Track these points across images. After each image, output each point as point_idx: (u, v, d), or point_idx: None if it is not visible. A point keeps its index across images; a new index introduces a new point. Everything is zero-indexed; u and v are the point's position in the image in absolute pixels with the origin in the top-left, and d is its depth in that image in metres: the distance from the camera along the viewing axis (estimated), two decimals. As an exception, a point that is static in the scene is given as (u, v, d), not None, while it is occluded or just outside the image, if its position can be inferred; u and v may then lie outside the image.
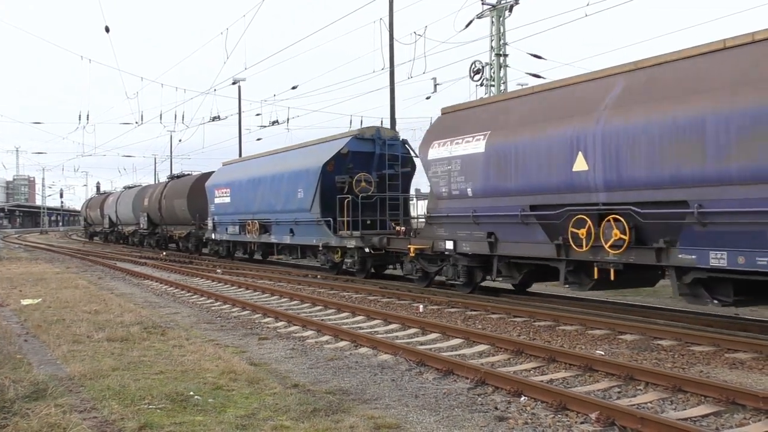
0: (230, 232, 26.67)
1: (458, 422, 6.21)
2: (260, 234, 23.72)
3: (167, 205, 35.77)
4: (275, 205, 22.57)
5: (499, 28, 26.34)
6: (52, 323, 11.51)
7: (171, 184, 37.25)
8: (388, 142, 20.14)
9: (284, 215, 21.97)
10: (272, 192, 22.83)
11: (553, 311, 12.42)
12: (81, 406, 6.57)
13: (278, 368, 8.48)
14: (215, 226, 28.21)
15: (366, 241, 18.30)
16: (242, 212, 25.30)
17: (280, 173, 22.55)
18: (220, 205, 27.61)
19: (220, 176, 28.81)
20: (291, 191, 21.37)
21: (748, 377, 7.91)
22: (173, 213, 34.95)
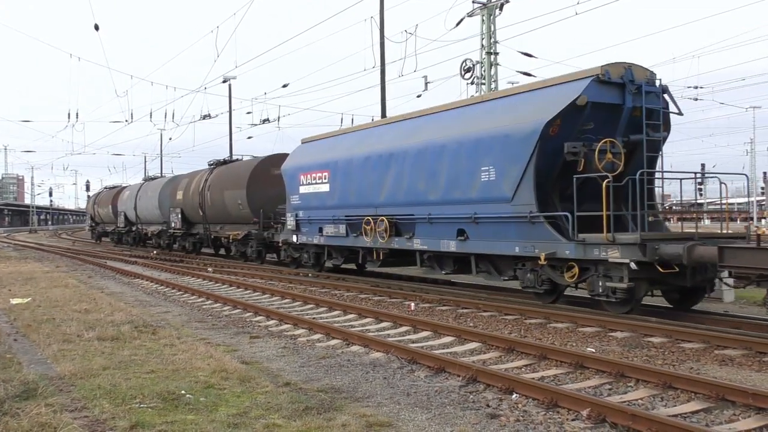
0: (329, 233, 19.01)
1: (450, 420, 6.22)
2: (390, 236, 16.07)
3: (214, 198, 28.23)
4: (426, 194, 14.86)
5: (490, 26, 26.38)
6: (42, 322, 11.45)
7: (218, 171, 29.05)
8: (645, 88, 12.49)
9: (448, 208, 14.27)
10: (421, 173, 15.07)
11: (544, 309, 12.45)
12: (72, 405, 6.54)
13: (270, 367, 8.47)
14: (299, 225, 20.44)
15: (652, 252, 10.76)
16: (353, 205, 17.72)
17: (439, 143, 14.61)
18: (309, 197, 19.89)
19: (306, 155, 20.61)
20: (466, 170, 13.77)
21: (737, 374, 7.96)
22: (222, 209, 27.56)
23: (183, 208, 32.16)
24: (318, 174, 19.50)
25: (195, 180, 31.11)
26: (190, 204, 31.02)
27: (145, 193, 39.22)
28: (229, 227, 27.80)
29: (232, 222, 27.45)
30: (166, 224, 35.03)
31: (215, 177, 28.70)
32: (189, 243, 33.24)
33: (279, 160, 23.74)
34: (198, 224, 31.39)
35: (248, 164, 26.48)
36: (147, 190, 39.13)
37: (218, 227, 29.03)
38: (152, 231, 38.09)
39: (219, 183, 27.99)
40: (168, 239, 35.88)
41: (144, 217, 39.26)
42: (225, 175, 27.98)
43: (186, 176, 34.15)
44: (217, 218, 28.73)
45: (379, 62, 25.75)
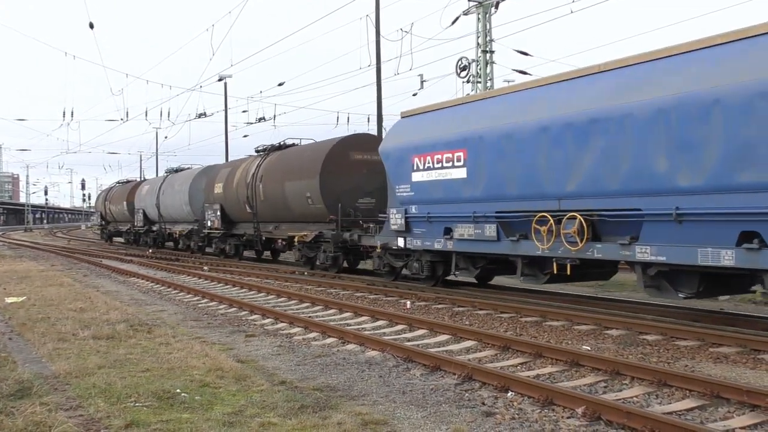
0: (463, 236, 13.68)
1: (445, 418, 6.23)
2: (587, 241, 10.98)
3: (269, 191, 22.92)
4: (672, 177, 9.72)
5: (485, 24, 26.39)
6: (37, 321, 11.42)
7: (275, 158, 23.31)
8: None
9: (723, 198, 9.13)
10: (660, 145, 9.87)
11: (539, 307, 12.46)
12: (66, 404, 6.53)
13: (265, 365, 8.46)
14: (409, 224, 15.24)
15: None
16: (512, 197, 12.56)
17: (705, 98, 9.24)
18: (428, 186, 14.49)
19: (421, 131, 15.05)
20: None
21: (732, 371, 7.98)
22: (281, 204, 22.22)
23: (223, 203, 26.90)
24: (445, 155, 13.94)
25: (240, 170, 25.54)
26: (234, 199, 25.76)
27: (170, 186, 33.82)
28: (289, 226, 22.43)
29: (294, 220, 22.07)
30: (198, 223, 29.78)
31: (270, 165, 23.18)
32: (230, 245, 27.52)
33: (362, 142, 20.20)
34: (243, 223, 25.97)
35: (320, 148, 20.88)
36: (173, 183, 33.73)
37: (272, 226, 23.71)
38: (179, 231, 32.74)
39: (276, 172, 22.54)
40: (201, 240, 30.39)
41: (169, 214, 34.37)
42: (286, 162, 22.39)
43: (226, 166, 29.02)
44: (273, 216, 23.36)
45: (375, 61, 25.74)
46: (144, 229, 38.93)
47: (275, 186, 22.58)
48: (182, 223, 33.04)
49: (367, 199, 19.62)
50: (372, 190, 19.57)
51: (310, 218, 20.86)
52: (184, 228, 32.58)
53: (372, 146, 19.25)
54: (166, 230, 35.73)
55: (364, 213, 19.41)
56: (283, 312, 12.67)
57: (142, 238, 40.29)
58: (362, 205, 19.67)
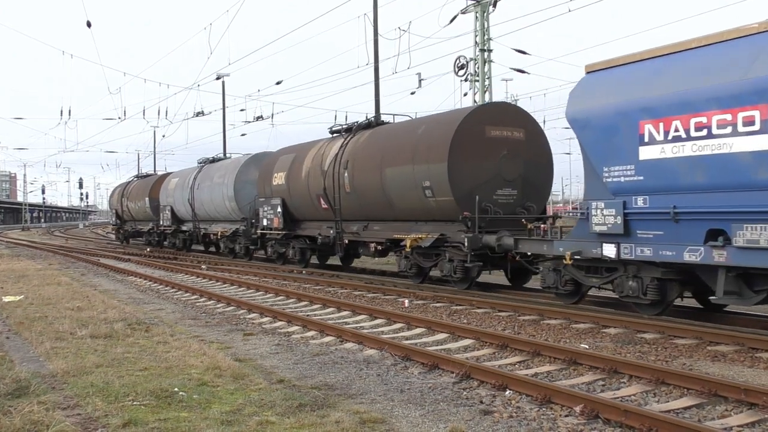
0: (753, 242, 8.88)
1: (443, 416, 6.23)
2: None
3: (359, 181, 17.68)
4: None
5: (483, 23, 26.38)
6: (35, 320, 11.41)
7: (367, 138, 18.07)
8: None
9: None
10: None
11: (537, 305, 12.47)
12: (64, 403, 6.52)
13: (263, 364, 8.46)
14: (629, 223, 10.64)
15: None
16: None
17: None
18: (675, 165, 9.83)
19: (661, 82, 10.10)
20: None
21: (730, 369, 7.99)
22: (381, 197, 16.92)
23: (286, 198, 21.73)
24: (716, 117, 9.28)
25: (311, 155, 20.41)
26: (302, 192, 20.67)
27: (207, 179, 28.94)
28: (385, 227, 17.35)
29: (396, 218, 16.94)
30: (246, 222, 25.21)
31: (361, 147, 17.98)
32: (294, 249, 21.98)
33: (500, 114, 15.34)
34: (314, 222, 20.87)
35: (445, 121, 15.44)
36: (210, 175, 28.84)
37: (357, 226, 18.40)
38: (220, 231, 27.51)
39: (371, 156, 17.38)
40: (250, 243, 25.45)
41: (205, 212, 29.41)
42: (386, 142, 17.14)
43: (287, 151, 22.90)
44: (361, 212, 18.17)
45: (373, 59, 25.73)
46: (172, 230, 33.66)
47: (368, 174, 17.24)
48: (223, 222, 28.17)
49: (507, 191, 14.92)
50: (513, 178, 15.00)
51: (425, 216, 15.83)
52: (226, 228, 27.37)
53: (513, 119, 15.30)
54: (200, 230, 30.28)
55: (503, 209, 14.71)
56: (282, 311, 12.66)
57: (169, 239, 35.05)
58: (501, 198, 14.81)
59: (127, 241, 44.01)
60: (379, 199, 17.05)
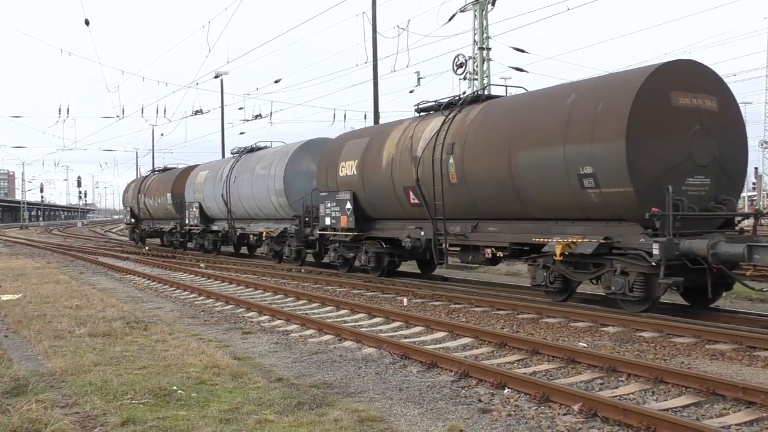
0: None
1: (442, 415, 6.23)
2: None
3: (478, 168, 13.75)
4: None
5: (482, 21, 26.39)
6: (33, 319, 11.40)
7: (483, 113, 14.07)
8: None
9: None
10: None
11: (536, 304, 12.48)
12: (63, 401, 6.51)
13: (262, 362, 8.46)
14: None
15: None
16: None
17: None
18: None
19: None
20: None
21: (728, 368, 8.00)
22: (508, 187, 13.09)
23: (359, 191, 17.69)
24: None
25: (392, 140, 16.53)
26: (382, 184, 16.72)
27: (246, 171, 25.03)
28: (508, 227, 13.61)
29: (528, 216, 13.06)
30: (298, 220, 21.39)
31: (475, 127, 13.85)
32: (368, 255, 17.98)
33: (689, 75, 11.43)
34: (397, 221, 17.08)
35: (614, 87, 11.46)
36: (250, 166, 24.89)
37: (462, 226, 14.64)
38: (265, 232, 23.56)
39: (492, 136, 13.36)
40: (304, 245, 21.70)
41: (244, 209, 25.53)
42: (514, 116, 13.22)
43: (357, 134, 19.03)
44: (470, 210, 14.32)
45: (372, 58, 25.73)
46: (200, 229, 29.57)
47: (487, 160, 13.34)
48: (267, 221, 24.43)
49: (698, 179, 11.31)
50: (707, 162, 11.41)
51: (575, 213, 12.13)
52: (271, 228, 23.56)
53: (704, 83, 11.61)
54: (236, 231, 26.52)
55: (694, 203, 11.16)
56: (280, 309, 12.66)
57: (196, 240, 30.91)
58: (691, 190, 11.23)
59: (143, 241, 39.84)
60: (504, 191, 13.08)
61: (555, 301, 12.61)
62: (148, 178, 39.16)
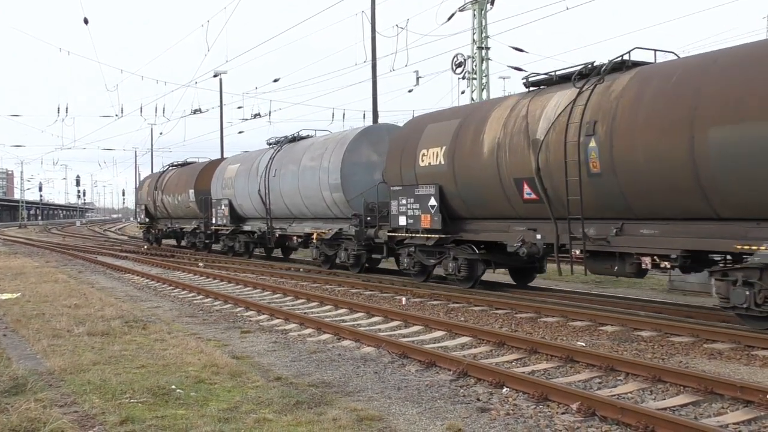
0: None
1: (440, 413, 6.24)
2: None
3: (651, 152, 10.32)
4: None
5: (481, 21, 26.38)
6: (32, 318, 11.40)
7: (635, 81, 10.88)
8: None
9: None
10: None
11: (534, 303, 12.49)
12: (61, 400, 6.52)
13: (261, 361, 8.46)
14: None
15: None
16: None
17: None
18: None
19: None
20: None
21: (726, 367, 8.01)
22: (692, 175, 9.81)
23: (448, 186, 14.80)
24: None
25: (494, 120, 13.73)
26: (482, 175, 13.80)
27: (291, 162, 21.58)
28: (678, 230, 10.66)
29: (714, 214, 10.09)
30: (357, 219, 18.16)
31: (630, 100, 10.89)
32: (456, 263, 14.94)
33: None
34: (499, 220, 14.09)
35: None
36: (296, 157, 21.38)
37: (602, 228, 11.65)
38: (316, 233, 20.27)
39: (661, 110, 10.32)
40: (365, 248, 18.39)
41: (288, 207, 22.02)
42: (697, 82, 10.03)
43: (438, 118, 15.99)
44: (615, 205, 11.39)
45: (370, 57, 25.73)
46: (229, 230, 26.04)
47: (656, 141, 10.32)
48: (314, 221, 21.08)
49: None
50: None
51: None
52: (322, 228, 20.09)
53: None
54: (275, 232, 23.10)
55: None
56: (279, 308, 12.66)
57: (224, 241, 27.17)
58: None
59: (159, 242, 36.64)
60: (678, 183, 10.15)
61: (758, 329, 9.49)
62: (166, 173, 35.25)
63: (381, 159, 18.33)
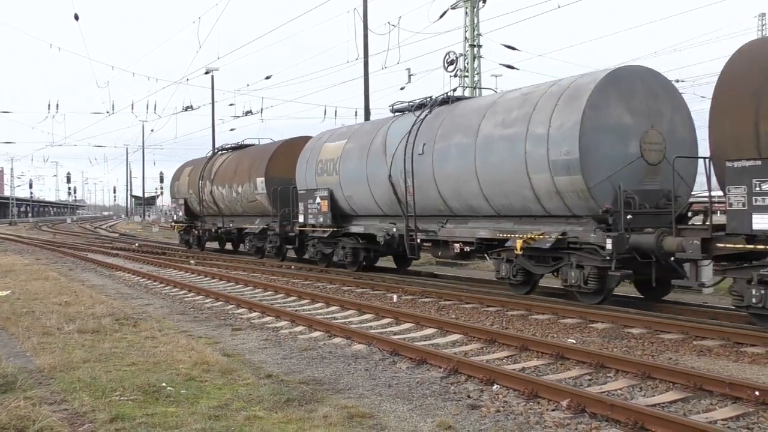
0: None
1: (431, 410, 6.25)
2: None
3: None
4: None
5: (473, 18, 26.40)
6: (22, 315, 11.35)
7: None
8: None
9: None
10: None
11: (525, 301, 12.51)
12: (51, 398, 6.50)
13: (252, 359, 8.46)
14: None
15: None
16: None
17: None
18: None
19: None
20: None
21: (715, 364, 8.05)
22: None
23: None
24: None
25: None
26: None
27: (454, 131, 14.51)
28: None
29: None
30: (613, 218, 11.30)
31: None
32: None
33: None
34: None
35: None
36: (464, 123, 14.33)
37: None
38: (525, 237, 12.46)
39: None
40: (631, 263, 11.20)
41: (446, 199, 14.87)
42: None
43: None
44: None
45: (362, 54, 25.71)
46: (328, 232, 18.93)
47: None
48: (498, 220, 13.83)
49: None
50: None
51: None
52: (530, 231, 12.66)
53: None
54: (416, 235, 15.83)
55: None
56: (270, 306, 12.65)
57: (318, 247, 20.00)
58: None
59: (202, 246, 29.68)
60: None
61: None
62: (217, 158, 28.14)
63: (637, 122, 12.01)
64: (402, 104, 17.35)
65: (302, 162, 20.58)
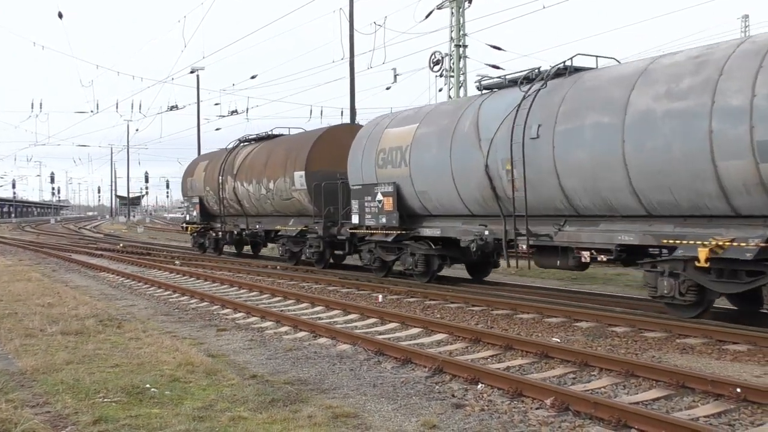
0: None
1: (416, 410, 6.26)
2: None
3: None
4: None
5: (459, 18, 26.46)
6: (4, 317, 11.25)
7: None
8: None
9: None
10: None
11: (510, 300, 12.56)
12: (33, 401, 6.45)
13: (236, 359, 8.43)
14: None
15: None
16: None
17: None
18: None
19: None
20: None
21: (698, 362, 8.12)
22: None
23: None
24: None
25: None
26: None
27: (587, 107, 11.03)
28: None
29: None
30: None
31: None
32: None
33: None
34: None
35: None
36: (603, 97, 10.82)
37: None
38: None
39: None
40: None
41: (569, 194, 11.48)
42: None
43: None
44: None
45: (348, 54, 25.70)
46: (393, 236, 15.78)
47: None
48: (660, 221, 10.51)
49: None
50: None
51: None
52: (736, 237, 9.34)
53: None
54: (518, 240, 12.57)
55: None
56: (255, 306, 12.62)
57: (375, 252, 16.83)
58: None
59: (219, 251, 26.43)
60: None
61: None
62: (240, 149, 24.30)
63: None
64: (492, 80, 14.14)
65: (356, 152, 16.99)
